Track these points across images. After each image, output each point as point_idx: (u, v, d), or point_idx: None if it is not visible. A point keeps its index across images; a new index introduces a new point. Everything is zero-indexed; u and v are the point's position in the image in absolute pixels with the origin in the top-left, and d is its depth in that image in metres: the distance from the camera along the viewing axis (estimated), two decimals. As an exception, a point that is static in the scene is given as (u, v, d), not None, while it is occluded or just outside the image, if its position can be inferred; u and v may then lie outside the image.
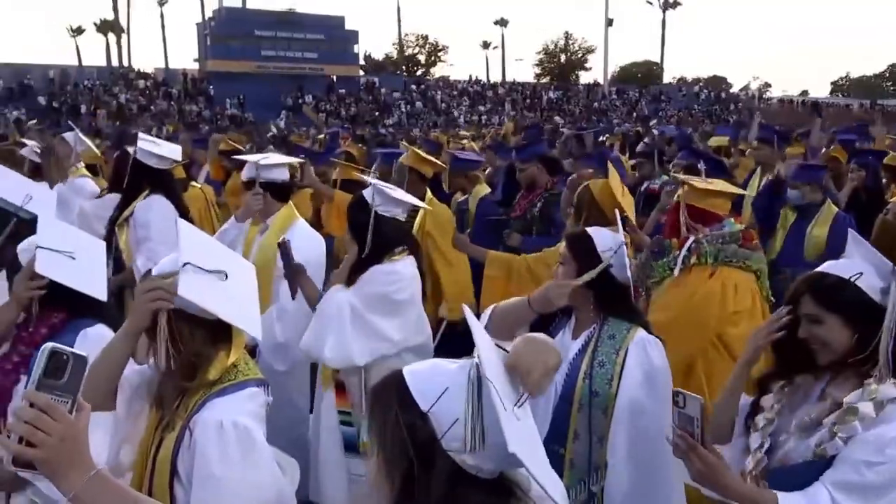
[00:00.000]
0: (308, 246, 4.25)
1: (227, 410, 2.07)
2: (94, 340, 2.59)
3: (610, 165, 5.02)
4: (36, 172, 6.35)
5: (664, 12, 69.95)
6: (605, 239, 2.90)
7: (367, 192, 3.78)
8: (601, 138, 13.77)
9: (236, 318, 2.13)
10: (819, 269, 2.34)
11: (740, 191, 4.59)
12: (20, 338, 2.81)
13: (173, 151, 5.20)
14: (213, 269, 2.11)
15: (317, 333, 3.63)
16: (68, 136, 7.53)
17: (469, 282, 5.35)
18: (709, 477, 2.13)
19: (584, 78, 75.98)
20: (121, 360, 2.15)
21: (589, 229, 2.97)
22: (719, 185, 4.17)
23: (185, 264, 2.06)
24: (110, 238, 4.97)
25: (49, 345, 1.41)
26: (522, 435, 1.37)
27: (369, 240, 3.65)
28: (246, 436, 2.05)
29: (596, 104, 55.65)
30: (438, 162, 6.40)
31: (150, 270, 2.23)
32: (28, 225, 3.41)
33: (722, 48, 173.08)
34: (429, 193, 5.52)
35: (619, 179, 4.51)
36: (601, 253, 2.85)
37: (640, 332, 2.84)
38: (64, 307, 2.79)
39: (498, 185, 7.37)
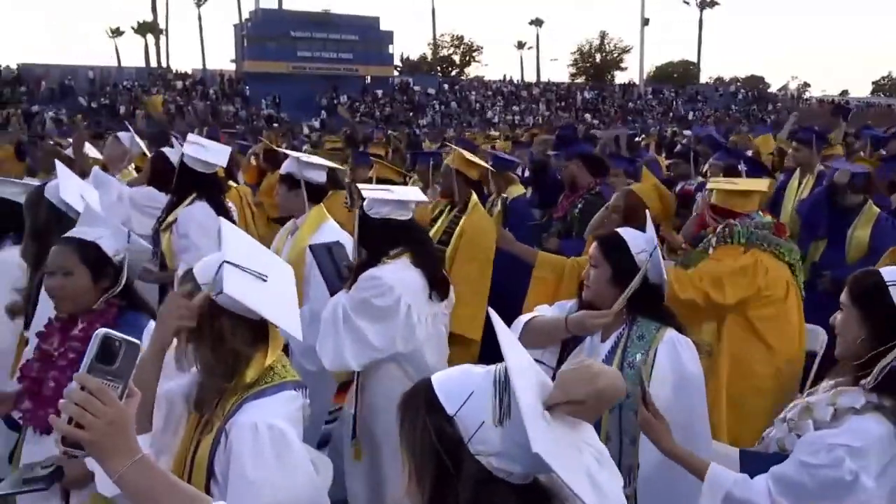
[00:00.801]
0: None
1: (263, 413, 2.07)
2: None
3: (645, 169, 4.95)
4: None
5: (701, 11, 69.30)
6: (637, 240, 2.89)
7: (366, 193, 3.72)
8: (637, 139, 13.70)
9: (279, 318, 2.13)
10: (879, 268, 2.37)
11: (763, 188, 4.51)
12: (75, 335, 2.83)
13: (220, 156, 5.15)
14: (253, 271, 2.12)
15: (321, 336, 3.64)
16: (122, 136, 7.56)
17: (480, 308, 5.00)
18: (646, 430, 2.47)
19: (620, 78, 75.56)
20: (152, 381, 2.12)
21: (620, 231, 2.95)
22: (745, 183, 4.13)
23: (225, 262, 2.06)
24: (157, 238, 5.00)
25: (102, 330, 1.45)
26: (552, 437, 1.34)
27: (355, 241, 3.65)
28: (281, 438, 2.05)
29: (631, 104, 55.24)
30: (483, 164, 6.37)
31: (187, 271, 2.23)
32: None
33: (760, 47, 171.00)
34: (474, 197, 5.42)
35: (653, 179, 4.48)
36: (635, 255, 2.84)
37: (670, 332, 2.81)
38: (117, 301, 2.83)
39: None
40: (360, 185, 3.88)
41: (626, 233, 2.93)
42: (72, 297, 2.79)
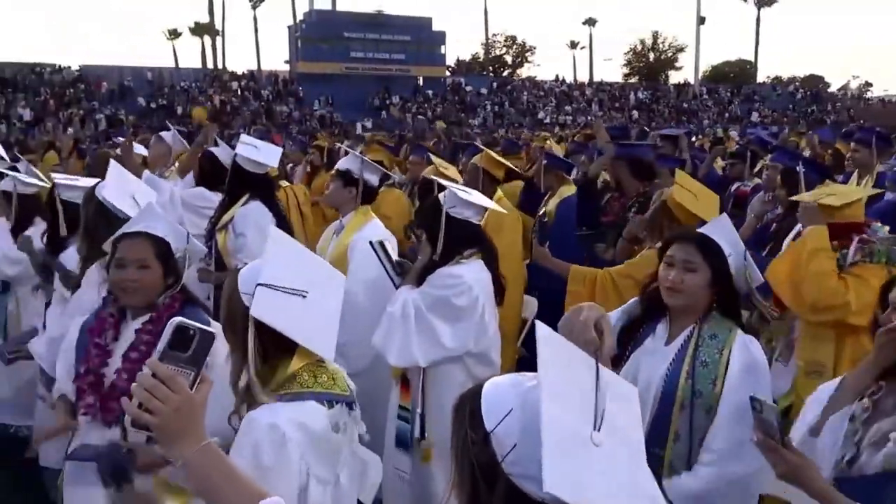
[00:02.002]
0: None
1: (271, 413, 2.06)
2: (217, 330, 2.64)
3: (678, 171, 4.82)
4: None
5: (759, 10, 67.99)
6: (725, 244, 2.85)
7: (441, 194, 3.80)
8: (692, 139, 13.50)
9: (309, 339, 2.15)
10: None
11: (865, 191, 4.38)
12: (147, 329, 2.88)
13: (271, 157, 5.22)
14: (290, 289, 2.13)
15: (385, 332, 3.65)
16: (165, 135, 7.71)
17: (518, 305, 5.11)
18: (793, 477, 2.16)
19: (674, 78, 74.58)
20: None
21: (708, 233, 2.89)
22: (841, 191, 4.01)
23: (259, 285, 2.09)
24: (211, 238, 5.05)
25: (176, 319, 1.51)
26: (579, 470, 1.25)
27: (440, 241, 3.66)
28: (279, 442, 2.02)
29: (685, 105, 54.46)
30: (508, 163, 6.32)
31: (236, 271, 2.25)
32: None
33: (819, 46, 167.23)
34: (498, 192, 5.47)
35: (690, 183, 4.36)
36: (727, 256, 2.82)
37: (740, 333, 2.76)
38: (179, 296, 2.92)
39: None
40: (446, 183, 3.89)
41: (714, 234, 2.88)
42: (144, 290, 2.87)
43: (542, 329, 1.37)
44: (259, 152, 5.09)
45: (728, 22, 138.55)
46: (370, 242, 4.03)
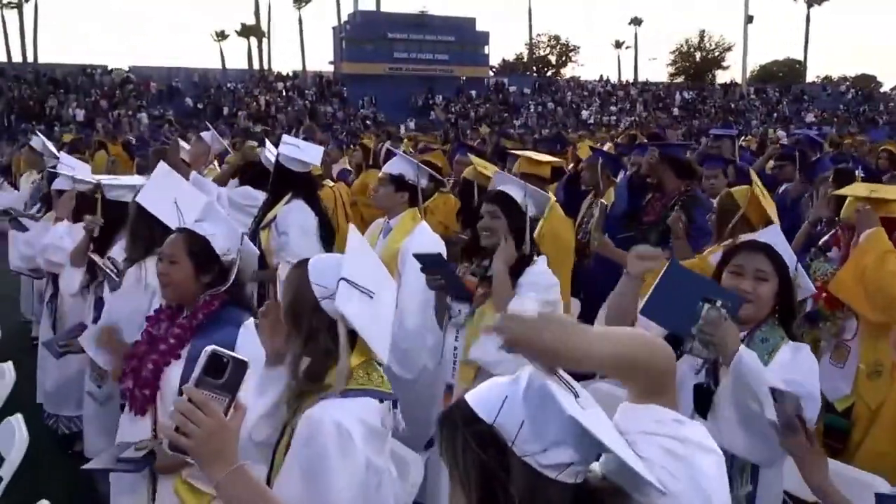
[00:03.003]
0: (428, 249, 4.29)
1: (334, 410, 2.07)
2: (252, 332, 2.64)
3: (753, 174, 4.74)
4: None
5: (809, 8, 66.75)
6: (782, 251, 2.84)
7: (516, 194, 3.79)
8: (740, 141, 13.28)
9: (373, 338, 2.16)
10: None
11: None
12: (178, 323, 2.94)
13: (314, 156, 5.28)
14: (364, 287, 2.14)
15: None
16: (205, 135, 7.82)
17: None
18: (801, 464, 2.29)
19: (721, 77, 73.55)
20: None
21: (770, 242, 2.86)
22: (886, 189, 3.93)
23: (343, 279, 2.11)
24: (255, 237, 5.09)
25: (211, 347, 1.58)
26: (587, 414, 1.31)
27: (528, 242, 3.67)
28: (346, 438, 2.04)
29: (732, 105, 53.69)
30: (551, 159, 6.24)
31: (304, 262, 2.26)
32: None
33: (871, 45, 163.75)
34: (552, 199, 5.40)
35: (762, 187, 4.30)
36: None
37: (790, 341, 2.73)
38: (221, 293, 2.91)
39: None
40: (529, 186, 3.87)
41: (772, 243, 2.86)
42: (173, 284, 2.91)
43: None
44: (301, 151, 5.18)
45: (777, 20, 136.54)
46: (417, 257, 4.01)
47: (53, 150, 7.19)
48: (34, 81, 39.00)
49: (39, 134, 8.63)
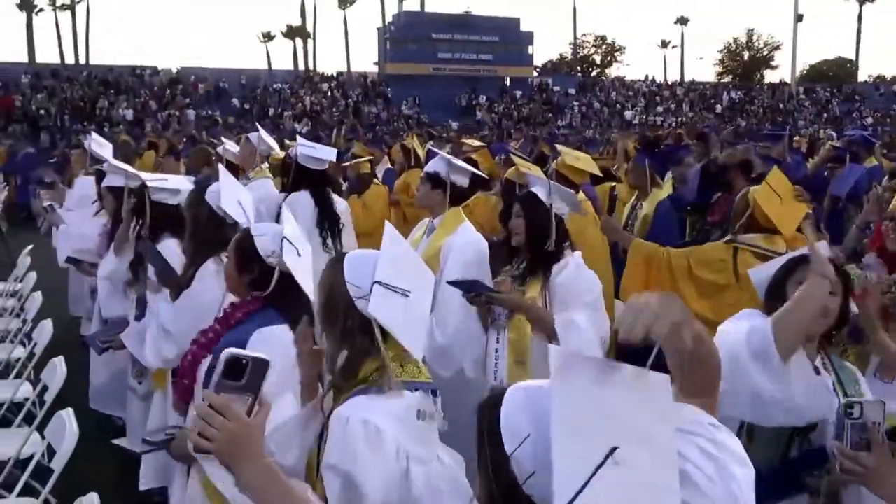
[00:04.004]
0: (471, 250, 4.38)
1: (362, 407, 2.08)
2: (266, 340, 2.66)
3: (774, 169, 4.62)
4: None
5: (861, 6, 65.38)
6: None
7: (541, 192, 3.83)
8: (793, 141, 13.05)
9: (407, 337, 2.16)
10: None
11: None
12: (219, 318, 3.00)
13: (328, 153, 5.95)
14: (398, 287, 2.15)
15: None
16: (252, 136, 7.92)
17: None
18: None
19: (770, 77, 72.32)
20: None
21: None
22: None
23: (376, 283, 2.12)
24: None
25: (227, 351, 1.59)
26: (604, 489, 1.17)
27: (552, 237, 3.71)
28: (374, 435, 2.05)
29: (781, 105, 52.77)
30: (591, 169, 6.20)
31: (338, 260, 2.27)
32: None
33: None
34: (581, 194, 5.40)
35: (782, 186, 4.20)
36: None
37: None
38: (261, 297, 2.91)
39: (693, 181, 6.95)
40: (553, 183, 3.94)
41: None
42: (226, 275, 3.00)
43: (553, 350, 1.29)
44: (316, 150, 5.87)
45: (827, 19, 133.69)
46: (449, 283, 4.02)
47: (102, 154, 7.33)
48: (86, 82, 39.82)
49: (94, 135, 8.79)
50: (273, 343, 2.58)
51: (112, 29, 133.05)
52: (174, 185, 4.46)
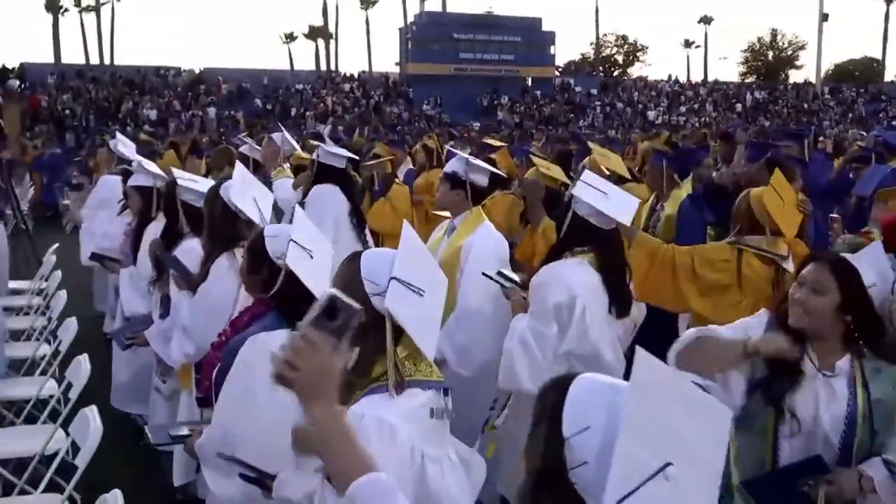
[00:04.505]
0: (491, 249, 4.38)
1: (376, 406, 2.08)
2: (255, 349, 2.62)
3: (777, 172, 4.57)
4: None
5: (888, 6, 64.58)
6: (867, 272, 2.70)
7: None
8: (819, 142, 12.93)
9: (421, 337, 2.16)
10: None
11: None
12: (231, 320, 3.05)
13: (347, 151, 6.29)
14: (415, 286, 2.16)
15: (510, 367, 3.59)
16: (276, 136, 7.96)
17: None
18: None
19: (795, 77, 71.63)
20: None
21: (849, 257, 2.73)
22: None
23: (393, 279, 2.13)
24: None
25: (331, 290, 1.67)
26: (650, 501, 1.23)
27: (561, 235, 3.65)
28: (388, 433, 2.04)
29: (806, 105, 52.27)
30: (621, 170, 6.18)
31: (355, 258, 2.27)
32: None
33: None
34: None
35: (785, 188, 4.17)
36: (868, 287, 2.65)
37: None
38: (266, 300, 2.89)
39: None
40: (584, 179, 3.77)
41: (855, 261, 2.72)
42: (242, 276, 3.01)
43: (640, 354, 1.30)
44: (336, 148, 6.26)
45: (853, 18, 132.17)
46: (483, 273, 3.99)
47: (128, 153, 7.40)
48: (110, 83, 40.19)
49: (119, 135, 8.89)
50: (261, 353, 2.47)
51: (136, 30, 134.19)
52: (204, 187, 4.49)
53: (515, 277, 3.91)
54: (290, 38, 64.80)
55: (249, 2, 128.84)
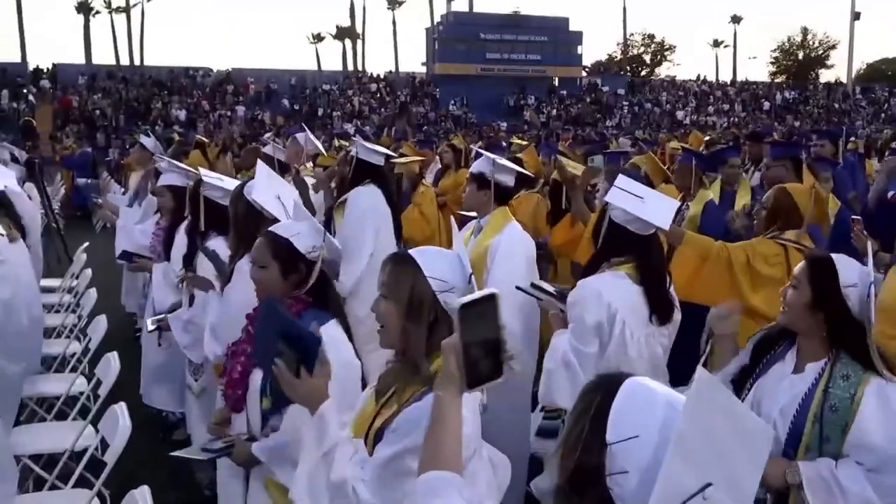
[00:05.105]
0: (518, 249, 4.35)
1: None
2: (332, 339, 2.64)
3: (805, 170, 4.57)
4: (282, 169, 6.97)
5: (921, 3, 63.55)
6: (850, 271, 2.62)
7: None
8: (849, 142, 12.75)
9: None
10: None
11: None
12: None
13: (385, 150, 6.27)
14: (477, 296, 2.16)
15: (548, 389, 3.51)
16: (299, 136, 8.01)
17: None
18: None
19: (825, 77, 70.74)
20: None
21: (835, 257, 2.68)
22: None
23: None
24: (329, 224, 5.69)
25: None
26: None
27: (599, 244, 3.55)
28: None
29: (837, 105, 51.63)
30: (664, 170, 6.15)
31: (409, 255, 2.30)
32: None
33: None
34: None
35: (813, 183, 4.19)
36: (843, 286, 2.58)
37: (877, 378, 2.50)
38: (303, 296, 2.92)
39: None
40: (618, 184, 3.62)
41: (841, 261, 2.66)
42: (264, 288, 2.93)
43: (701, 373, 1.29)
44: (374, 145, 6.19)
45: (886, 17, 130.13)
46: (517, 288, 3.90)
47: (162, 148, 7.53)
48: (140, 83, 40.63)
49: (150, 133, 9.00)
50: (330, 346, 2.58)
51: (165, 31, 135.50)
52: (229, 185, 4.53)
53: (551, 289, 3.84)
54: (318, 38, 65.12)
55: (277, 3, 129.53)
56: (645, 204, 3.44)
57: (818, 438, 2.52)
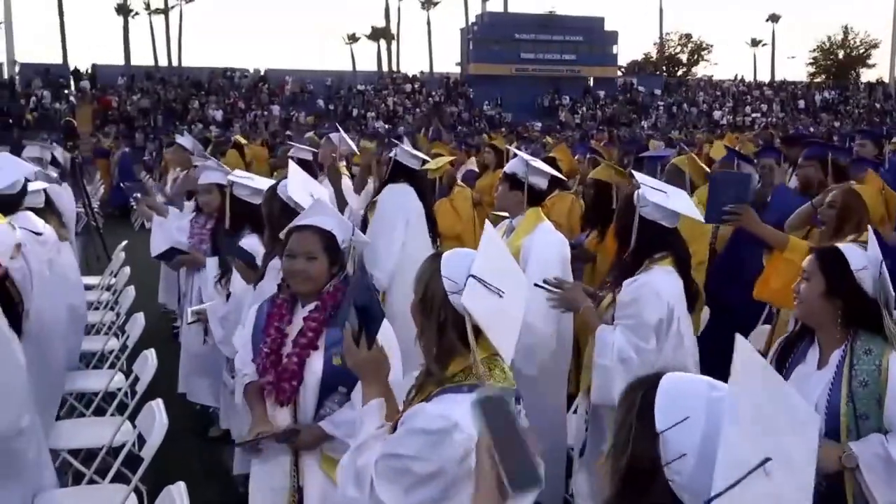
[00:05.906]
0: (551, 251, 4.34)
1: (449, 406, 2.07)
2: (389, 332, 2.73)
3: (870, 172, 4.50)
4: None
5: (967, 1, 62.21)
6: (857, 256, 2.69)
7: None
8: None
9: (499, 338, 2.15)
10: None
11: None
12: (311, 317, 3.04)
13: (424, 156, 6.44)
14: (494, 287, 2.16)
15: (603, 387, 3.46)
16: (333, 136, 8.05)
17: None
18: None
19: (867, 76, 69.48)
20: None
21: (841, 246, 2.77)
22: None
23: (471, 276, 2.14)
24: (364, 220, 5.93)
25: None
26: (752, 496, 1.22)
27: (633, 242, 3.52)
28: (468, 440, 2.00)
29: (878, 105, 50.70)
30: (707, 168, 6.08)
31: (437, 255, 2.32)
32: None
33: None
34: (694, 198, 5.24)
35: (882, 185, 4.12)
36: (855, 271, 2.65)
37: None
38: (341, 284, 3.05)
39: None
40: (642, 181, 3.67)
41: (846, 248, 2.74)
42: (313, 279, 3.03)
43: (741, 342, 1.30)
44: (413, 149, 6.42)
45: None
46: (535, 285, 3.88)
47: (201, 147, 7.63)
48: (178, 84, 41.12)
49: (187, 133, 9.12)
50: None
51: (203, 32, 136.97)
52: (259, 184, 4.58)
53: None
54: (353, 39, 65.40)
55: (313, 4, 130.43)
56: (670, 198, 3.53)
57: (854, 419, 2.54)
